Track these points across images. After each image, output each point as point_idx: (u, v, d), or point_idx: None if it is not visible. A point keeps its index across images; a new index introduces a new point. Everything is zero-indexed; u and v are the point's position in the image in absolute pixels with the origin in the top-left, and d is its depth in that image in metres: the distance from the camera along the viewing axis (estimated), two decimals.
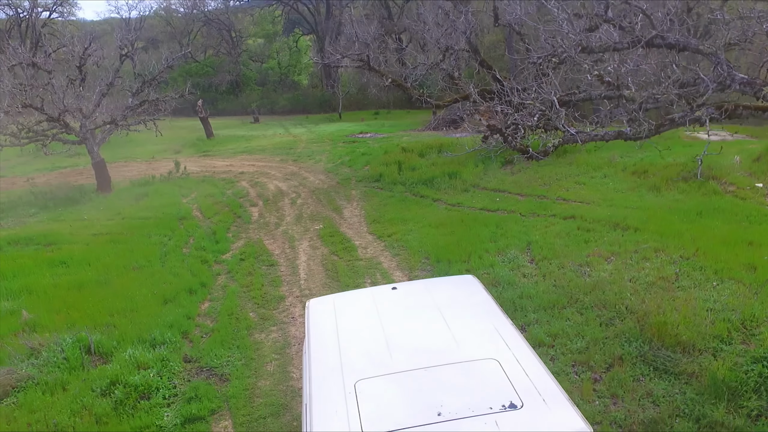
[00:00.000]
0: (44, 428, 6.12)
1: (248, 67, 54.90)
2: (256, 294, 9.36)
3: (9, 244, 13.46)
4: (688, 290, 7.61)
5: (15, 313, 9.08)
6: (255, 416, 6.19)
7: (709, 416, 5.34)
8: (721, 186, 11.92)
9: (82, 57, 17.85)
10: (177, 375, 7.04)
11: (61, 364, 7.27)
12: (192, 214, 14.99)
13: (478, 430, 2.99)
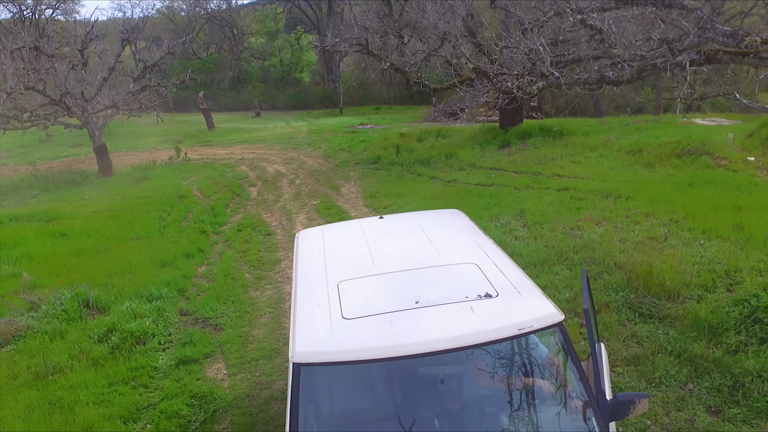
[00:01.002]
0: (43, 370, 6.26)
1: (250, 64, 55.09)
2: (253, 258, 9.51)
3: (10, 219, 13.62)
4: (676, 248, 7.73)
5: (16, 275, 9.24)
6: (247, 359, 6.33)
7: (689, 351, 5.47)
8: (714, 160, 12.04)
9: (84, 41, 18.01)
10: (172, 324, 7.20)
11: (60, 316, 7.42)
12: (191, 194, 15.14)
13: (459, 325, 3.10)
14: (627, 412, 2.96)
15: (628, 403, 2.94)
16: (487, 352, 3.05)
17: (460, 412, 3.03)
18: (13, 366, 6.49)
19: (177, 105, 44.76)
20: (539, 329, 3.06)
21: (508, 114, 18.74)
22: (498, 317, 3.04)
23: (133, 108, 19.13)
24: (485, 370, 3.06)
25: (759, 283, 6.26)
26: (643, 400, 2.97)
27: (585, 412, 2.96)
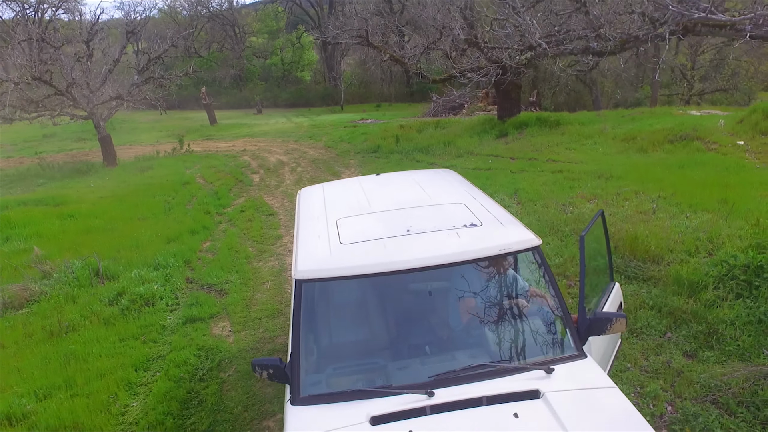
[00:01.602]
0: (57, 328, 6.58)
1: (251, 62, 55.37)
2: (255, 234, 9.83)
3: (18, 204, 13.95)
4: (663, 220, 8.04)
5: (27, 250, 9.56)
6: (251, 318, 6.65)
7: (669, 305, 5.78)
8: (705, 145, 12.35)
9: (90, 32, 18.35)
10: (179, 289, 7.53)
11: (72, 283, 7.75)
12: (195, 180, 15.46)
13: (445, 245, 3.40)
14: (604, 329, 3.26)
15: (606, 321, 3.25)
16: (471, 269, 3.37)
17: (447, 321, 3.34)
18: (28, 326, 6.81)
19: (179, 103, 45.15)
20: (519, 251, 3.38)
21: (506, 106, 19.06)
22: (481, 241, 3.36)
23: (137, 99, 19.44)
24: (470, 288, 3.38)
25: (738, 246, 6.57)
26: (620, 320, 3.28)
27: (560, 325, 3.28)
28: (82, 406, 4.99)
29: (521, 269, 3.62)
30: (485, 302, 3.37)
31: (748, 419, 4.17)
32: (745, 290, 5.75)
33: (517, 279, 3.55)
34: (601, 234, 4.23)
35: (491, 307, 3.37)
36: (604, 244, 4.26)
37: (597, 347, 3.66)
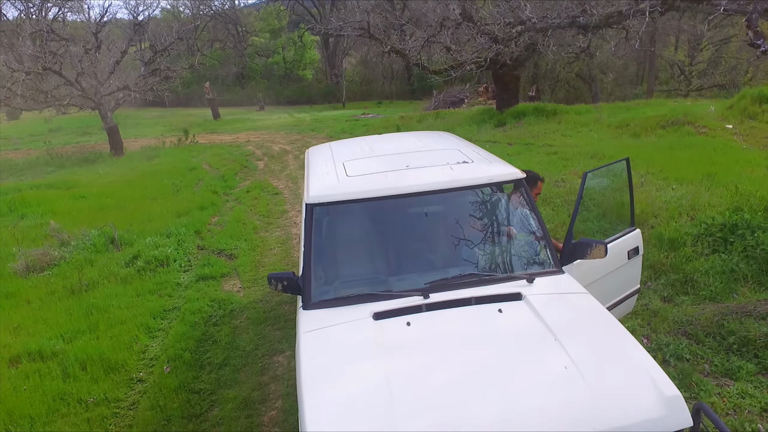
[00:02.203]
0: (77, 286, 7.02)
1: (254, 60, 55.76)
2: (262, 210, 10.26)
3: (31, 188, 14.37)
4: (650, 191, 8.46)
5: (43, 224, 9.98)
6: (260, 277, 7.08)
7: (651, 259, 6.20)
8: (695, 129, 12.77)
9: (99, 24, 18.81)
10: (191, 254, 7.96)
11: (89, 249, 8.19)
12: (201, 166, 15.88)
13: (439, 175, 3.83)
14: (585, 254, 3.68)
15: (587, 246, 3.67)
16: (462, 195, 3.80)
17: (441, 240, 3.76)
18: (50, 285, 7.24)
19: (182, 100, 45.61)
20: (503, 182, 3.81)
21: (504, 97, 19.48)
22: (471, 172, 3.80)
23: (143, 90, 19.88)
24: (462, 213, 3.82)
25: (717, 210, 6.99)
26: (599, 246, 3.69)
27: (542, 247, 3.70)
28: (106, 344, 5.43)
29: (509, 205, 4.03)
30: (476, 225, 3.80)
31: (714, 346, 4.59)
32: (720, 246, 6.17)
33: (503, 207, 3.97)
34: (625, 183, 4.60)
35: (481, 229, 3.80)
36: (627, 193, 4.63)
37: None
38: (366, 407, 2.54)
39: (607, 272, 4.10)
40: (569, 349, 2.74)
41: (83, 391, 4.75)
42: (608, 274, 4.10)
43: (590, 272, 3.94)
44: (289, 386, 4.66)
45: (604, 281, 4.05)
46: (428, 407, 2.50)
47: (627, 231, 4.42)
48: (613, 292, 4.25)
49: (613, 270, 4.15)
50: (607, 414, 2.42)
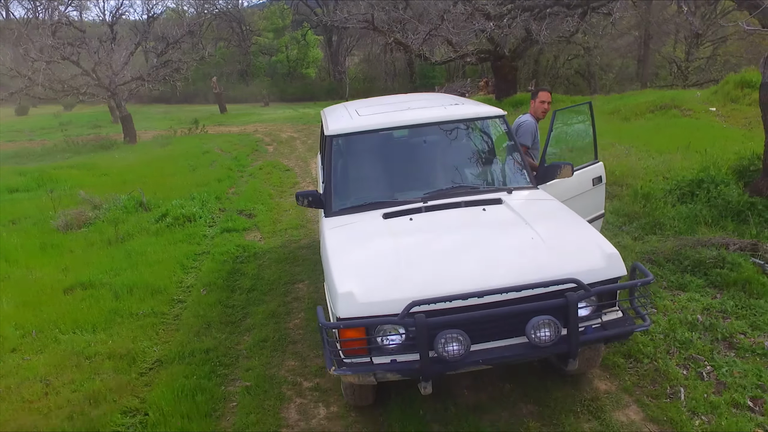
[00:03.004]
0: (114, 238, 7.83)
1: (258, 58, 56.52)
2: (275, 182, 11.08)
3: (54, 169, 15.21)
4: (632, 159, 9.26)
5: (73, 195, 10.80)
6: (278, 230, 7.89)
7: (626, 210, 7.01)
8: (681, 112, 13.57)
9: (115, 16, 19.65)
10: (214, 213, 8.77)
11: (120, 210, 9.00)
12: (214, 150, 16.70)
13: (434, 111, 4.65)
14: (555, 174, 4.47)
15: (556, 167, 4.46)
16: (456, 128, 4.60)
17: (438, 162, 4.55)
18: (88, 238, 8.05)
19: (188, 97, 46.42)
20: (489, 117, 4.63)
21: (503, 87, 20.31)
22: (462, 110, 4.62)
23: (156, 80, 20.71)
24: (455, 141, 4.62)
25: (688, 172, 7.77)
26: (567, 166, 4.48)
27: (519, 168, 4.50)
28: (147, 276, 6.25)
29: (493, 135, 4.83)
30: (465, 151, 4.61)
31: (672, 269, 5.38)
32: (687, 198, 6.97)
33: (488, 138, 4.77)
34: (589, 125, 5.42)
35: (470, 154, 4.62)
36: (591, 131, 5.44)
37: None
38: (379, 263, 3.35)
39: (576, 194, 4.90)
40: (536, 228, 3.54)
41: (133, 307, 5.56)
42: (576, 196, 4.89)
43: (561, 193, 4.72)
44: (309, 303, 5.46)
45: (573, 202, 4.83)
46: (426, 263, 3.30)
47: (591, 163, 5.22)
48: (580, 213, 5.03)
49: (580, 193, 4.95)
50: (564, 265, 3.21)
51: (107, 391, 4.18)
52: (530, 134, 5.24)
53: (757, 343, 4.11)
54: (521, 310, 3.02)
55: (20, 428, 3.81)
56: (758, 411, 3.44)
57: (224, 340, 4.87)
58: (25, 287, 6.31)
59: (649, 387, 3.80)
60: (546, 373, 4.03)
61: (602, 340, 3.25)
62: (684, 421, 3.39)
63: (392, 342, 3.11)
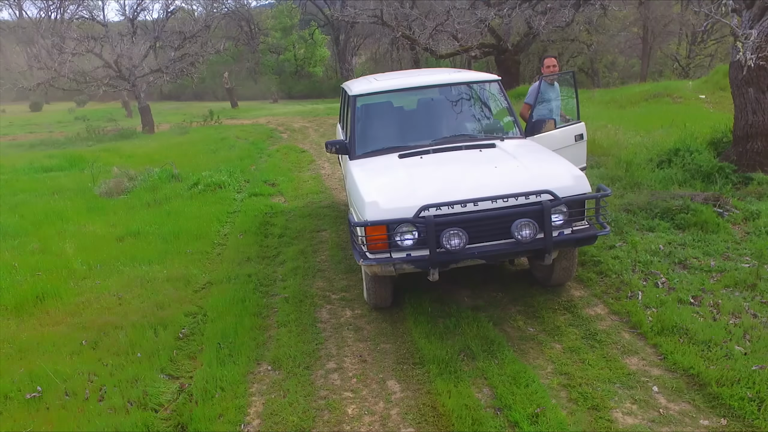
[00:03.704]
0: (153, 201, 8.75)
1: (266, 56, 57.43)
2: (293, 160, 12.01)
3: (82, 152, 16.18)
4: (620, 137, 10.12)
5: (106, 171, 11.74)
6: (300, 194, 8.82)
7: (610, 174, 7.88)
8: (672, 99, 14.43)
9: (135, 11, 20.63)
10: (241, 182, 9.69)
11: (154, 180, 9.92)
12: (232, 137, 17.64)
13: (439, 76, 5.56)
14: (541, 128, 5.37)
15: (542, 121, 5.37)
16: (458, 90, 5.50)
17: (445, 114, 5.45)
18: (128, 203, 8.97)
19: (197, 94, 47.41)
20: (486, 81, 5.52)
21: (506, 80, 21.09)
22: (463, 76, 5.53)
23: (174, 72, 21.68)
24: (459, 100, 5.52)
25: (669, 144, 8.64)
26: (550, 121, 5.40)
27: (512, 123, 5.39)
28: (190, 226, 7.17)
29: (489, 96, 5.72)
30: (466, 109, 5.51)
31: (644, 216, 6.25)
32: (665, 164, 7.84)
33: (485, 99, 5.66)
34: (572, 90, 6.32)
35: (470, 112, 5.51)
36: (574, 96, 6.34)
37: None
38: (396, 184, 4.25)
39: (560, 147, 5.77)
40: (521, 160, 4.44)
41: (180, 248, 6.49)
42: (561, 149, 5.75)
43: (547, 145, 5.61)
44: (332, 245, 6.37)
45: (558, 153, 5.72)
46: (433, 183, 4.21)
47: (574, 122, 6.10)
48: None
49: (564, 147, 5.81)
50: (541, 182, 4.09)
51: (170, 301, 5.09)
52: (532, 94, 6.18)
53: (705, 264, 4.99)
54: (508, 212, 3.92)
55: (106, 323, 4.72)
56: (696, 304, 4.32)
57: (262, 269, 5.78)
58: (82, 237, 7.23)
59: (614, 293, 4.68)
60: (532, 284, 4.93)
61: (572, 242, 4.14)
62: (638, 312, 4.27)
63: (407, 240, 4.00)
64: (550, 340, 4.09)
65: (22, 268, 6.14)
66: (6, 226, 7.75)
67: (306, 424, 3.34)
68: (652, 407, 3.27)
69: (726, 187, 6.81)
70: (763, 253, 4.92)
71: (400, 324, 4.49)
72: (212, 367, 3.95)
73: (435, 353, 3.92)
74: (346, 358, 4.06)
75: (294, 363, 3.99)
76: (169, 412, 3.59)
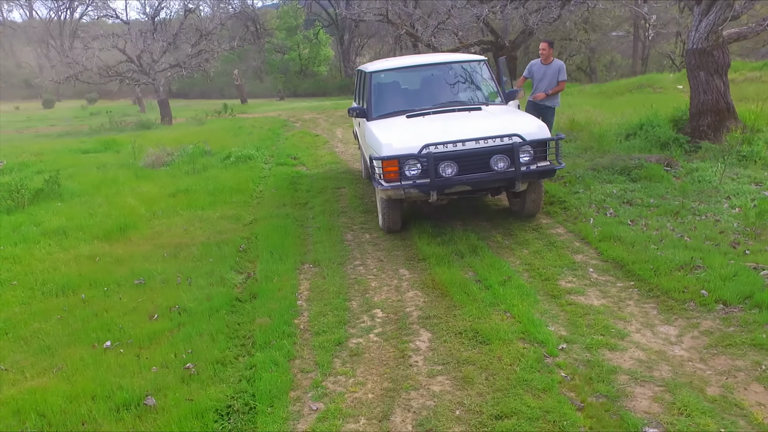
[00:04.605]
0: (192, 170, 10.16)
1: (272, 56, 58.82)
2: (309, 142, 13.41)
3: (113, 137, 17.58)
4: (597, 117, 11.50)
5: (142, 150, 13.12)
6: (319, 164, 10.22)
7: (583, 145, 9.26)
8: (653, 90, 15.81)
9: (156, 9, 22.08)
10: (266, 156, 11.10)
11: (190, 155, 11.33)
12: (248, 126, 19.06)
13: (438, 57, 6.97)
14: (514, 97, 6.78)
15: (515, 92, 6.78)
16: (453, 68, 6.90)
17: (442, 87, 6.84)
18: (170, 172, 10.37)
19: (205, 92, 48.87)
20: (476, 61, 6.93)
21: None
22: (459, 57, 6.94)
23: (191, 67, 23.12)
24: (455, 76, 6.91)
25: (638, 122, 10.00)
26: (520, 92, 6.81)
27: (495, 93, 6.78)
28: (229, 184, 8.57)
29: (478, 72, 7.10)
30: (460, 82, 6.90)
31: (606, 173, 7.63)
32: (632, 136, 9.23)
33: (475, 75, 7.05)
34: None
35: (463, 84, 6.91)
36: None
37: None
38: (403, 133, 5.65)
39: None
40: (499, 116, 5.85)
41: (226, 199, 7.90)
42: None
43: None
44: (351, 197, 7.76)
45: None
46: (433, 131, 5.60)
47: None
48: None
49: None
50: (512, 129, 5.48)
51: (226, 230, 6.51)
52: (528, 70, 7.87)
53: (646, 201, 6.38)
54: (487, 150, 5.32)
55: (179, 243, 6.13)
56: (632, 225, 5.70)
57: (296, 211, 7.18)
58: (139, 195, 8.63)
59: (572, 220, 6.07)
60: (510, 216, 6.32)
61: (536, 174, 5.53)
62: (588, 229, 5.65)
63: (413, 171, 5.39)
64: (520, 247, 5.48)
65: (98, 213, 7.55)
66: (71, 189, 9.15)
67: (342, 291, 4.74)
68: (586, 278, 4.66)
69: (677, 152, 8.18)
70: (686, 191, 6.31)
71: (408, 240, 5.89)
72: (268, 264, 5.36)
73: (434, 252, 5.32)
74: (368, 259, 5.46)
75: (329, 262, 5.39)
76: (241, 290, 4.99)
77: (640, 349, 3.55)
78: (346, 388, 3.35)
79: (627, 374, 3.27)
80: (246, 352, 3.88)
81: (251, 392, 3.35)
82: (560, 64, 7.88)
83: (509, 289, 4.47)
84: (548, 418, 2.91)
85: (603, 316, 4.00)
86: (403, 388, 3.29)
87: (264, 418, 3.10)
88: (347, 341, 3.90)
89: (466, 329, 3.90)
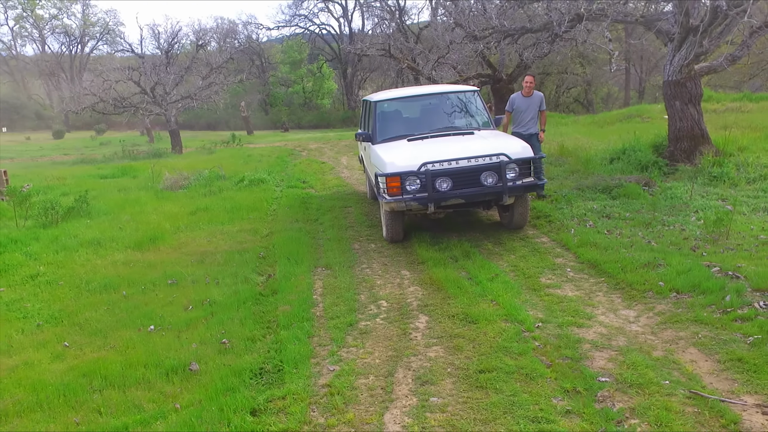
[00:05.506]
0: (209, 192, 10.94)
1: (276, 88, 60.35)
2: (316, 168, 14.24)
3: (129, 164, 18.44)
4: (585, 145, 12.32)
5: (159, 175, 13.96)
6: (327, 187, 11.01)
7: (572, 169, 10.04)
8: (642, 119, 16.69)
9: (170, 44, 23.22)
10: (278, 180, 11.91)
11: (206, 178, 12.14)
12: (256, 155, 19.94)
13: (435, 88, 7.80)
14: (499, 124, 7.59)
15: (499, 119, 7.59)
16: (449, 97, 7.72)
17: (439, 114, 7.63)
18: (188, 194, 11.15)
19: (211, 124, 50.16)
20: (469, 91, 7.76)
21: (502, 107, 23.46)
22: (451, 87, 7.80)
23: (202, 98, 24.17)
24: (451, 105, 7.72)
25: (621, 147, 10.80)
26: (505, 118, 7.63)
27: (487, 121, 7.58)
28: (245, 203, 9.34)
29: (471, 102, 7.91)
30: (455, 110, 7.71)
31: (590, 191, 8.39)
32: (615, 161, 10.01)
33: (468, 104, 7.87)
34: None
35: (457, 112, 7.72)
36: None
37: None
38: (406, 153, 6.43)
39: None
40: (489, 139, 6.63)
41: (243, 216, 8.66)
42: None
43: None
44: (357, 215, 8.51)
45: None
46: (430, 152, 6.37)
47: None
48: None
49: None
50: (500, 149, 6.26)
51: (246, 241, 7.25)
52: (510, 103, 8.46)
53: (622, 215, 7.12)
54: (478, 167, 6.09)
55: (204, 251, 6.86)
56: (608, 234, 6.43)
57: (308, 226, 7.93)
58: (161, 213, 9.39)
59: (555, 231, 6.80)
60: (500, 229, 7.05)
61: (522, 188, 6.28)
62: (569, 239, 6.37)
63: (413, 186, 6.15)
64: (508, 253, 6.21)
65: (126, 228, 8.31)
66: (98, 208, 9.92)
67: (351, 287, 5.45)
68: (563, 276, 5.37)
69: (656, 174, 8.95)
70: (658, 206, 7.06)
71: (409, 248, 6.62)
72: (286, 267, 6.08)
73: (432, 257, 6.05)
74: (374, 263, 6.18)
75: (340, 265, 6.12)
76: (264, 287, 5.70)
77: (603, 326, 4.25)
78: (357, 355, 4.05)
79: (590, 343, 3.97)
80: (272, 332, 4.58)
81: (279, 359, 4.04)
82: (541, 96, 8.58)
83: (496, 284, 5.18)
84: (522, 372, 3.60)
85: (575, 303, 4.70)
86: (405, 355, 3.99)
87: (291, 376, 3.78)
88: (357, 323, 4.59)
89: (458, 313, 4.61)
